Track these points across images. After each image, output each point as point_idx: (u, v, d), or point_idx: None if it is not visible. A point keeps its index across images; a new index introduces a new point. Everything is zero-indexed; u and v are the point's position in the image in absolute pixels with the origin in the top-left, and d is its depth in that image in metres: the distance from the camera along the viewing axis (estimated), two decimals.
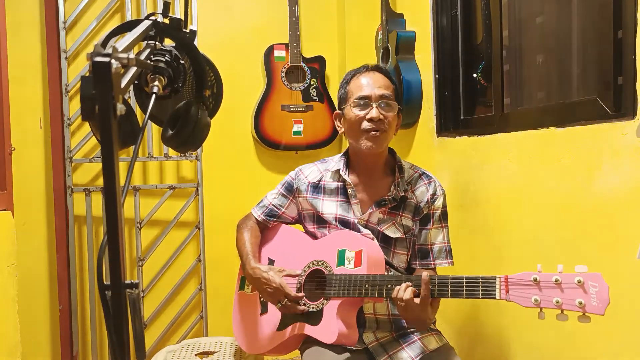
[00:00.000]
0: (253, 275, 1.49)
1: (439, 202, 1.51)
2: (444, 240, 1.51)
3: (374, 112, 1.43)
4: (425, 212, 1.49)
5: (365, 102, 1.45)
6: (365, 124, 1.44)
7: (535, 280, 1.11)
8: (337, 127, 1.56)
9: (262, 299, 1.56)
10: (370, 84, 1.46)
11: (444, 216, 1.52)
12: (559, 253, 1.38)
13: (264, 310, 1.55)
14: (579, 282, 1.05)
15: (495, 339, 1.66)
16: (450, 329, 1.90)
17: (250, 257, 1.54)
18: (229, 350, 1.92)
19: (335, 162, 1.57)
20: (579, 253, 1.30)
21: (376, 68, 1.52)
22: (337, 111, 1.56)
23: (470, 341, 1.82)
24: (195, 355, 1.90)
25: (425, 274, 1.26)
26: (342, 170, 1.52)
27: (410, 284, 1.27)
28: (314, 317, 1.40)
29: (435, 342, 1.44)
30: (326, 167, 1.59)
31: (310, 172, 1.59)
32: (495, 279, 1.17)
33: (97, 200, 2.48)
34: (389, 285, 1.30)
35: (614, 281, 1.18)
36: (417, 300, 1.25)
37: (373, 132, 1.43)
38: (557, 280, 1.08)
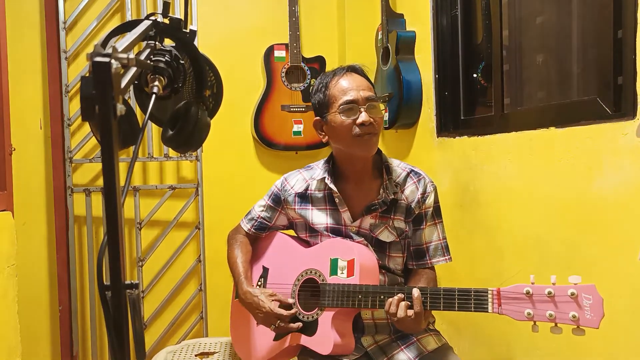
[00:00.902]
0: (245, 299, 1.46)
1: (430, 200, 1.46)
2: (439, 237, 1.48)
3: (364, 117, 1.37)
4: (417, 212, 1.46)
5: (353, 106, 1.38)
6: (357, 129, 1.38)
7: (527, 293, 1.09)
8: (319, 135, 1.48)
9: None
10: (354, 87, 1.40)
11: (437, 212, 1.48)
12: (558, 253, 1.38)
13: None
14: (572, 294, 1.03)
15: (495, 339, 1.66)
16: (450, 329, 1.90)
17: (243, 280, 1.50)
18: (228, 350, 1.92)
19: (320, 169, 1.52)
20: (579, 253, 1.30)
21: (352, 69, 1.45)
22: (317, 118, 1.47)
23: (470, 341, 1.82)
24: (195, 355, 1.90)
25: (415, 290, 1.24)
26: (327, 179, 1.46)
27: (402, 296, 1.26)
28: (309, 328, 1.38)
29: (434, 342, 1.44)
30: (311, 175, 1.53)
31: (295, 181, 1.55)
32: (487, 292, 1.15)
33: (97, 200, 2.48)
34: (382, 297, 1.29)
35: (614, 282, 1.18)
36: (410, 312, 1.23)
37: (366, 136, 1.38)
38: (549, 293, 1.06)
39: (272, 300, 1.41)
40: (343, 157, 1.47)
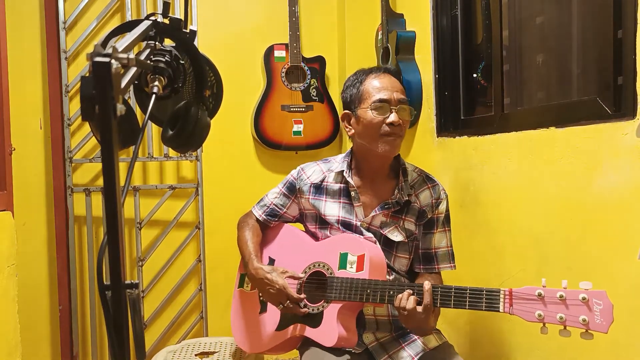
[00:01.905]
0: (256, 275, 1.48)
1: (442, 206, 1.50)
2: (447, 245, 1.51)
3: (394, 117, 1.42)
4: (429, 217, 1.49)
5: (385, 105, 1.43)
6: (385, 128, 1.42)
7: (539, 295, 1.11)
8: (345, 128, 1.52)
9: (261, 298, 1.56)
10: (389, 88, 1.45)
11: (447, 220, 1.52)
12: (558, 253, 1.38)
13: (263, 309, 1.55)
14: (584, 299, 1.06)
15: (496, 338, 1.66)
16: (451, 328, 1.90)
17: (253, 257, 1.52)
18: (229, 350, 1.92)
19: (339, 162, 1.56)
20: (579, 253, 1.30)
21: (388, 70, 1.50)
22: (347, 111, 1.51)
23: (471, 340, 1.82)
24: (195, 355, 1.90)
25: (427, 283, 1.25)
26: (346, 172, 1.50)
27: (411, 291, 1.27)
28: (314, 320, 1.40)
29: (435, 340, 1.45)
30: (329, 167, 1.57)
31: (312, 172, 1.58)
32: (499, 292, 1.17)
33: (97, 200, 2.48)
34: (391, 292, 1.30)
35: (614, 281, 1.18)
36: (419, 308, 1.24)
37: (392, 137, 1.43)
38: (561, 297, 1.08)
39: (285, 278, 1.44)
40: (364, 153, 1.50)
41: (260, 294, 1.53)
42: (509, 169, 1.58)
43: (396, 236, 1.47)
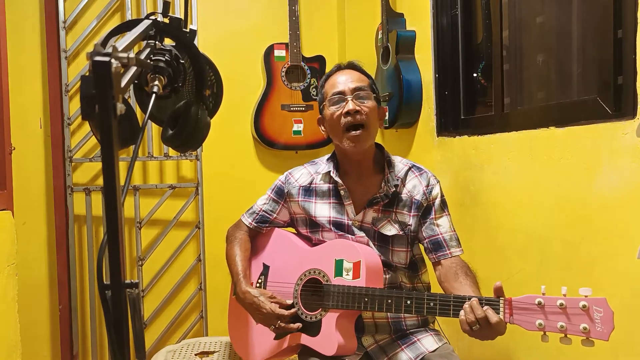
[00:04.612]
0: (244, 299, 1.46)
1: (435, 191, 1.47)
2: (451, 229, 1.47)
3: (350, 105, 1.40)
4: (425, 205, 1.46)
5: (340, 97, 1.43)
6: (344, 120, 1.41)
7: (539, 303, 1.09)
8: (322, 132, 1.54)
9: None
10: (343, 81, 1.45)
11: (444, 204, 1.48)
12: (558, 253, 1.38)
13: None
14: (584, 307, 1.04)
15: (496, 339, 1.66)
16: (450, 328, 1.90)
17: (241, 279, 1.50)
18: (228, 350, 1.93)
19: (325, 164, 1.55)
20: (579, 252, 1.30)
21: (349, 65, 1.50)
22: (319, 116, 1.54)
23: (470, 341, 1.82)
24: (195, 355, 1.90)
25: (489, 310, 1.13)
26: (333, 172, 1.49)
27: (479, 301, 1.16)
28: (312, 328, 1.38)
29: (434, 342, 1.44)
30: (316, 169, 1.56)
31: (300, 175, 1.57)
32: (499, 302, 1.15)
33: (97, 200, 2.48)
34: (389, 300, 1.29)
35: (614, 281, 1.18)
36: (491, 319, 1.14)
37: (353, 132, 1.40)
38: (561, 305, 1.07)
39: (272, 302, 1.41)
40: (341, 151, 1.50)
41: (252, 317, 1.49)
42: (509, 168, 1.58)
43: (389, 230, 1.44)
